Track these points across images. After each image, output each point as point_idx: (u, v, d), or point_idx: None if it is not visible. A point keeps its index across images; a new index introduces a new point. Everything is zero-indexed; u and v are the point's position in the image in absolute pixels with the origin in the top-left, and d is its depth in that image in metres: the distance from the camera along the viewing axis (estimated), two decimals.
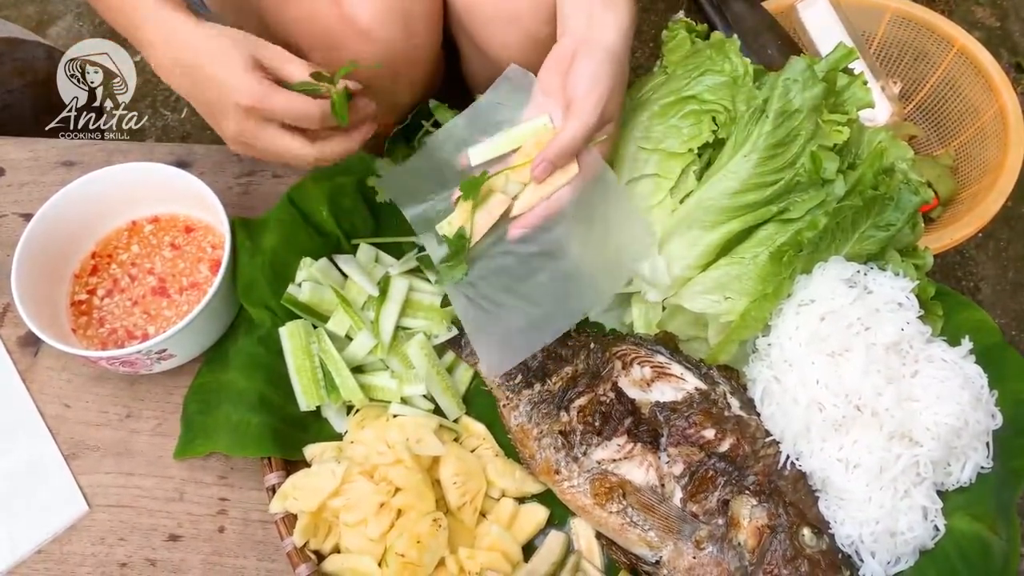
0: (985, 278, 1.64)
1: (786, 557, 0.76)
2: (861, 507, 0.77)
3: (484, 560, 0.81)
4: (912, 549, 0.78)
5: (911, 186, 0.86)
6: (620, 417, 0.84)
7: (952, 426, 0.78)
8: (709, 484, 0.79)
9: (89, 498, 0.91)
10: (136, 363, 0.89)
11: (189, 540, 0.89)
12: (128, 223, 1.01)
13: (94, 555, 0.88)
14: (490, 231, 0.83)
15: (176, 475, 0.92)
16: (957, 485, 0.80)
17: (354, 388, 0.89)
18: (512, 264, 0.84)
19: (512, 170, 0.83)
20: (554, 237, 0.84)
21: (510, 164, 0.83)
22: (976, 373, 0.82)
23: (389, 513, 0.81)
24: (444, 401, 0.92)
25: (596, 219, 0.85)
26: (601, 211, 0.85)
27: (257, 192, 1.09)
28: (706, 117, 0.87)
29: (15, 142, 1.14)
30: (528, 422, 0.88)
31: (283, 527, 0.83)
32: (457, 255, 0.83)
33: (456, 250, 0.83)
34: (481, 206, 0.83)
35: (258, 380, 0.90)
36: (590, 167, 0.83)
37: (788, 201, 0.84)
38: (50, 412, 0.95)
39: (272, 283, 0.94)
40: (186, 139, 1.79)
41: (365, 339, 0.92)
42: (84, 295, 0.97)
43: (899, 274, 0.85)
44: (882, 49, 1.66)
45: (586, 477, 0.82)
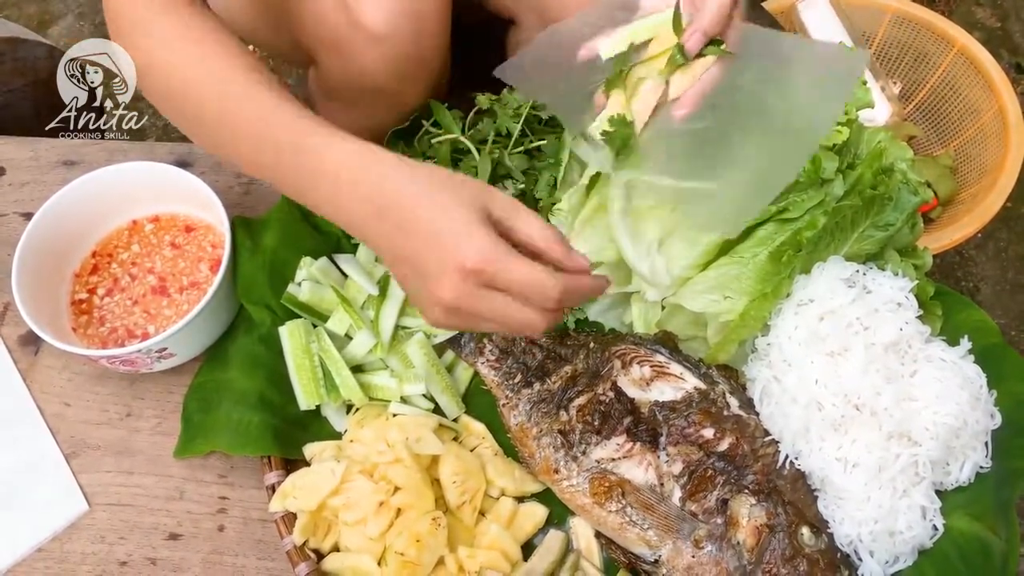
0: (985, 278, 1.64)
1: (785, 556, 0.76)
2: (860, 506, 0.77)
3: (483, 559, 0.81)
4: (911, 549, 0.78)
5: (910, 186, 0.86)
6: (619, 416, 0.84)
7: (951, 426, 0.78)
8: (708, 483, 0.79)
9: (89, 497, 0.91)
10: (136, 362, 0.90)
11: (189, 539, 0.89)
12: (128, 222, 1.01)
13: (94, 554, 0.88)
14: (649, 121, 0.78)
15: (176, 474, 0.92)
16: (956, 485, 0.80)
17: (354, 387, 0.89)
18: (691, 143, 0.78)
19: (653, 60, 0.79)
20: (728, 107, 0.78)
21: (648, 55, 0.79)
22: (975, 373, 0.82)
23: (388, 512, 0.81)
24: (444, 400, 0.92)
25: (768, 79, 0.79)
26: (772, 67, 0.79)
27: (257, 191, 1.09)
28: None
29: (16, 141, 1.14)
30: (527, 421, 0.88)
31: (283, 526, 0.83)
32: (625, 144, 0.76)
33: (622, 140, 0.76)
34: (634, 97, 0.78)
35: (258, 379, 0.90)
36: (736, 32, 0.78)
37: (787, 201, 0.84)
38: (50, 411, 0.96)
39: (272, 282, 0.94)
40: (187, 139, 1.78)
41: (365, 338, 0.92)
42: (84, 294, 0.97)
43: (898, 274, 0.85)
44: (882, 49, 1.66)
45: (585, 476, 0.83)
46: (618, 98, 0.78)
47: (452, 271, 0.65)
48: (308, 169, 0.72)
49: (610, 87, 0.77)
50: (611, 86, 0.77)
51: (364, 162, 0.70)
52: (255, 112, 0.75)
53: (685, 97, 0.78)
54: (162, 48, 0.80)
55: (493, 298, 0.66)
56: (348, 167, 0.70)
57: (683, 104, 0.78)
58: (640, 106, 0.78)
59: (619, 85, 0.76)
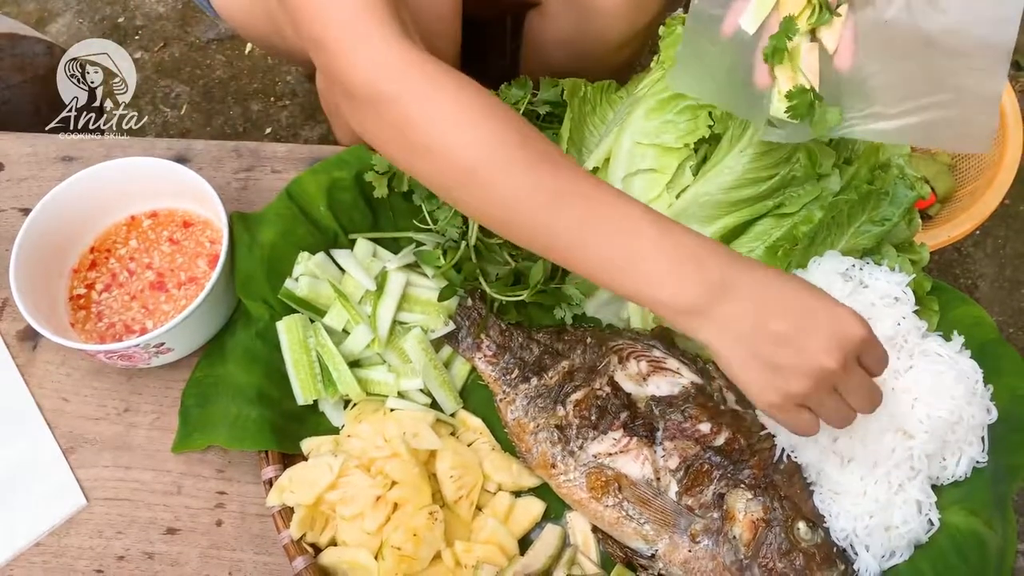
0: (983, 275, 1.65)
1: (781, 550, 0.76)
2: (856, 501, 0.78)
3: (480, 553, 0.81)
4: (907, 543, 0.78)
5: (907, 181, 0.86)
6: (616, 411, 0.84)
7: (947, 420, 0.78)
8: (705, 478, 0.80)
9: (87, 491, 0.91)
10: (134, 357, 0.90)
11: (187, 533, 0.89)
12: (127, 218, 1.01)
13: (92, 548, 0.88)
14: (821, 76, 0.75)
15: (174, 469, 0.92)
16: (952, 479, 0.80)
17: (351, 382, 0.89)
18: (878, 88, 0.75)
19: (798, 17, 0.75)
20: (886, 43, 0.75)
21: (789, 14, 0.75)
22: (971, 368, 0.82)
23: (385, 506, 0.81)
24: (441, 395, 0.92)
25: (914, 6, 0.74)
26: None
27: (255, 187, 1.09)
28: (702, 112, 0.87)
29: (14, 137, 1.14)
30: (524, 416, 0.88)
31: (280, 520, 0.83)
32: (812, 108, 0.73)
33: (808, 102, 0.73)
34: (796, 63, 0.75)
35: (256, 374, 0.90)
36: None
37: (784, 196, 0.84)
38: (48, 406, 0.96)
39: (270, 277, 0.94)
40: (185, 135, 1.79)
41: (362, 333, 0.92)
42: (82, 289, 0.97)
43: (895, 269, 0.85)
44: None
45: (582, 471, 0.83)
46: (785, 71, 0.75)
47: (839, 341, 0.66)
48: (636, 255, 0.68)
49: (774, 56, 0.74)
50: (775, 55, 0.74)
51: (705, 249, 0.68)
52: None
53: (842, 48, 0.75)
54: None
55: (849, 379, 0.68)
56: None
57: (843, 56, 0.75)
58: (808, 71, 0.75)
59: (782, 54, 0.73)
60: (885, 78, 0.75)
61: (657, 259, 0.67)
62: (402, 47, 0.72)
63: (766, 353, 0.67)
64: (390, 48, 0.71)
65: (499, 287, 0.94)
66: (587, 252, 0.70)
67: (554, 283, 0.95)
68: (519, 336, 0.94)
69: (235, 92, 1.85)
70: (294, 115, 1.81)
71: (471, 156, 0.70)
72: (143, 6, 1.98)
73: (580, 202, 0.70)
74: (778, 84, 0.75)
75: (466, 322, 0.95)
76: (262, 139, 1.77)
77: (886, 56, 0.75)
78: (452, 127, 0.71)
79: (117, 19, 1.97)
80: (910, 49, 0.74)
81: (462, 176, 0.71)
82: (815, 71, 0.74)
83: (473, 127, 0.71)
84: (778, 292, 0.67)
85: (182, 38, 1.92)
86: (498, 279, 0.95)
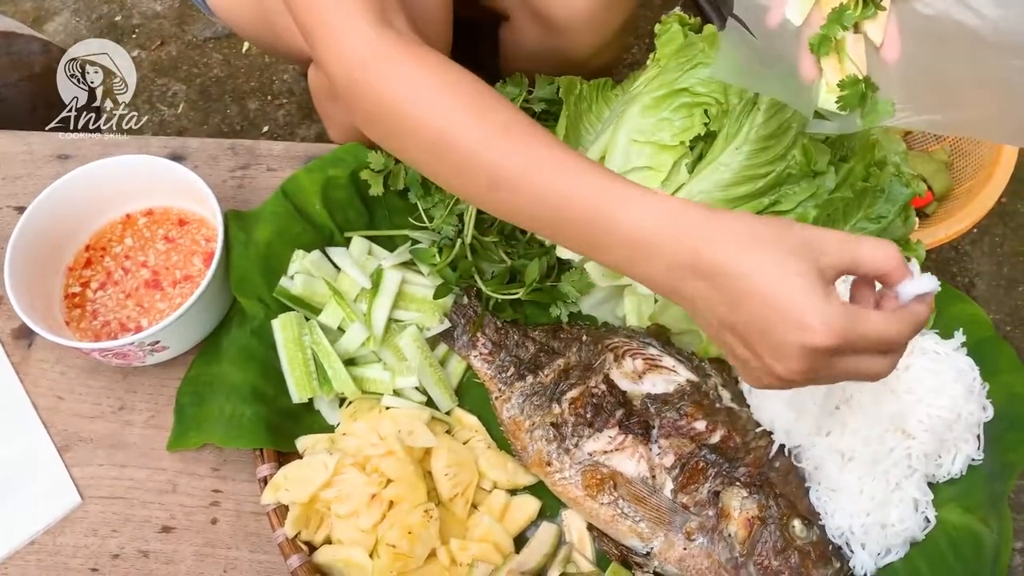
0: (980, 274, 1.64)
1: (776, 548, 0.76)
2: (852, 499, 0.77)
3: (475, 551, 0.81)
4: (902, 541, 0.78)
5: (902, 178, 0.86)
6: (611, 409, 0.84)
7: (944, 418, 0.78)
8: (700, 475, 0.79)
9: (82, 490, 0.91)
10: (129, 355, 0.90)
11: (182, 531, 0.89)
12: (122, 216, 1.01)
13: (87, 546, 0.88)
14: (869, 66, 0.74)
15: (169, 467, 0.92)
16: (948, 477, 0.80)
17: (346, 380, 0.89)
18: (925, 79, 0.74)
19: (843, 9, 0.74)
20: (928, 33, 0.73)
21: (831, 6, 0.75)
22: (968, 365, 0.82)
23: (380, 504, 0.81)
24: (436, 393, 0.92)
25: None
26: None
27: (251, 185, 1.09)
28: (698, 110, 0.87)
29: (9, 135, 1.14)
30: (520, 414, 0.88)
31: (275, 518, 0.83)
32: (863, 97, 0.72)
33: (860, 93, 0.72)
34: (843, 54, 0.73)
35: (251, 372, 0.90)
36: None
37: (779, 193, 0.84)
38: (43, 404, 0.96)
39: (265, 276, 0.94)
40: (182, 133, 1.79)
41: (358, 331, 0.92)
42: (78, 288, 0.97)
43: None
44: None
45: (577, 469, 0.83)
46: (831, 63, 0.74)
47: (799, 352, 0.58)
48: (601, 231, 0.65)
49: (819, 47, 0.73)
50: (820, 47, 0.73)
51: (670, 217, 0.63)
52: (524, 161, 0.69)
53: (888, 40, 0.73)
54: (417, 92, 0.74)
55: (844, 362, 0.60)
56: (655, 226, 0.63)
57: (890, 47, 0.73)
58: (857, 58, 0.74)
59: (828, 44, 0.72)
60: (932, 70, 0.74)
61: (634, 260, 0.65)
62: (379, 33, 0.73)
63: (729, 343, 0.63)
64: (364, 34, 0.73)
65: (495, 285, 0.94)
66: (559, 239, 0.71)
67: (550, 281, 0.95)
68: (515, 334, 0.94)
69: (232, 91, 1.85)
70: (291, 113, 1.81)
71: (437, 125, 0.71)
72: (140, 5, 1.97)
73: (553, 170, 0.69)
74: (825, 75, 0.74)
75: (462, 320, 0.95)
76: (259, 137, 1.76)
77: (933, 49, 0.74)
78: (419, 102, 0.71)
79: (114, 18, 1.96)
80: (956, 42, 0.73)
81: (435, 148, 0.72)
82: (863, 62, 0.73)
83: (437, 98, 0.72)
84: (734, 296, 0.61)
85: (179, 36, 1.92)
86: (494, 277, 0.95)
